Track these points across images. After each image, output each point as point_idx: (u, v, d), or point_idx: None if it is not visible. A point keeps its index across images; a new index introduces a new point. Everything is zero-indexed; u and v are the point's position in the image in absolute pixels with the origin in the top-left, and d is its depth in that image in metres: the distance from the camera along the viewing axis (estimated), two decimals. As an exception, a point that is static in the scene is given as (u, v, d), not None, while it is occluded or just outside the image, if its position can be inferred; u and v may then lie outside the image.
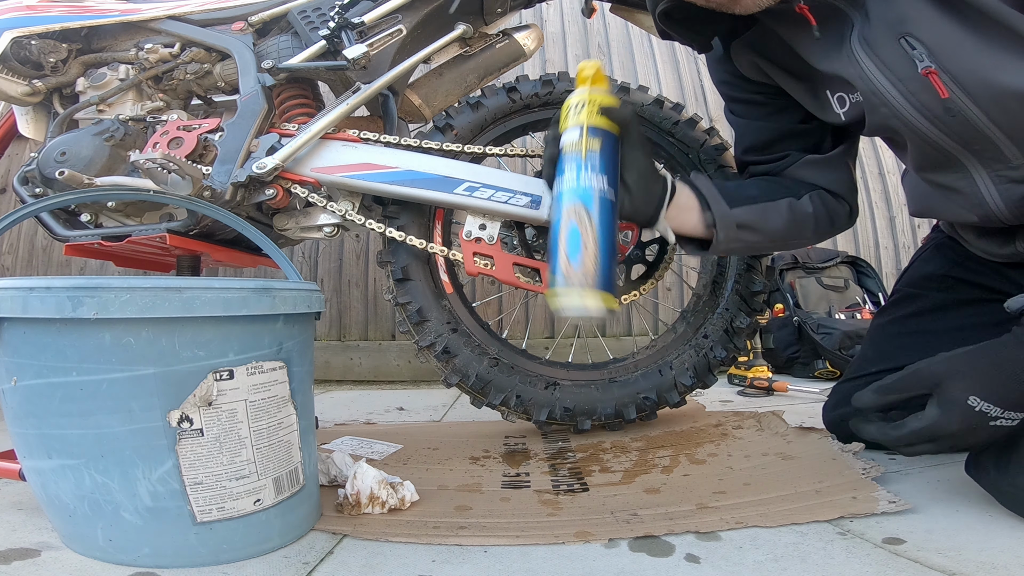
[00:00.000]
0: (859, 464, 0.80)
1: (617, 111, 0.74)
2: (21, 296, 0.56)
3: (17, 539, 0.67)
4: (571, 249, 0.68)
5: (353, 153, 1.07)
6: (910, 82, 0.67)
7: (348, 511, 0.74)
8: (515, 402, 1.07)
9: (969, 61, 0.63)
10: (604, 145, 0.72)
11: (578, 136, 0.72)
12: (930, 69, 0.64)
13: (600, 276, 0.68)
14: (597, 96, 0.74)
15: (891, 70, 0.68)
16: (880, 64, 0.68)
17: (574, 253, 0.68)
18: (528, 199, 1.05)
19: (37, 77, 1.15)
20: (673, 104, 1.23)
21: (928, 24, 0.64)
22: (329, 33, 1.06)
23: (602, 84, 0.77)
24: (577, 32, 2.49)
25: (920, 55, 0.65)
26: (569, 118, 0.74)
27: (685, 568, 0.59)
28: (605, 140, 0.72)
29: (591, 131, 0.72)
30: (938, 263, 0.98)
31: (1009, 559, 0.57)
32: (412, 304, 1.07)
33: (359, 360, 2.09)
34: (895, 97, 0.69)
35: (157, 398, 0.58)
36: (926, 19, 0.64)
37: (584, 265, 0.68)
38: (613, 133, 0.74)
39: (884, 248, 2.48)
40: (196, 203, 0.88)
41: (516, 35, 1.29)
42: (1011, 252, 0.82)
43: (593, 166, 0.71)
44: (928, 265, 1.00)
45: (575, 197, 0.70)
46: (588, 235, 0.68)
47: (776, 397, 1.54)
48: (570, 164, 0.71)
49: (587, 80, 0.76)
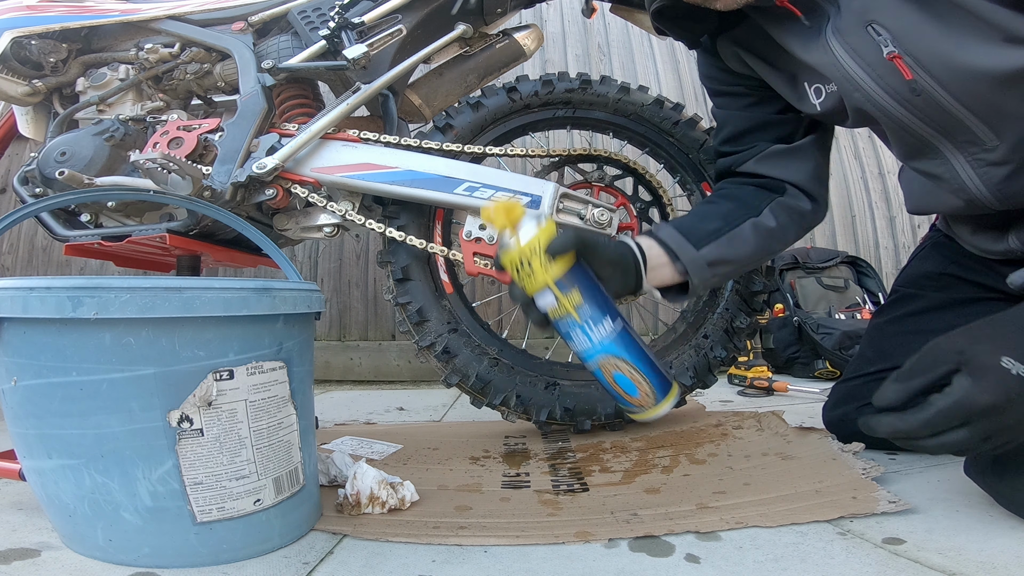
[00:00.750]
0: (859, 464, 0.80)
1: (561, 245, 0.68)
2: (21, 296, 0.56)
3: (17, 539, 0.67)
4: (628, 390, 0.73)
5: (353, 153, 1.07)
6: (877, 66, 0.70)
7: (348, 511, 0.74)
8: (515, 402, 1.07)
9: (931, 44, 0.65)
10: (578, 282, 0.70)
11: (554, 299, 0.70)
12: (894, 53, 0.67)
13: (657, 389, 0.73)
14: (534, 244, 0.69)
15: (860, 56, 0.71)
16: (851, 51, 0.71)
17: (632, 391, 0.73)
18: (528, 199, 1.05)
19: (37, 77, 1.15)
20: (673, 104, 1.23)
21: (892, 11, 0.67)
22: (329, 33, 1.06)
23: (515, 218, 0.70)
24: (577, 32, 2.49)
25: (885, 40, 0.68)
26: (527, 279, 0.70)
27: (685, 568, 0.59)
28: (575, 276, 0.70)
29: (560, 285, 0.69)
30: (935, 262, 0.98)
31: (1009, 559, 0.57)
32: (412, 304, 1.07)
33: (359, 360, 2.09)
34: (865, 82, 0.72)
35: (157, 398, 0.58)
36: (890, 6, 0.67)
37: (644, 393, 0.73)
38: (573, 262, 0.71)
39: (884, 248, 2.48)
40: (196, 203, 0.88)
41: (516, 35, 1.29)
42: (1005, 249, 0.82)
43: (591, 319, 0.71)
44: (925, 264, 1.00)
45: (600, 353, 0.72)
46: (631, 372, 0.72)
47: (776, 397, 1.54)
48: (572, 330, 0.71)
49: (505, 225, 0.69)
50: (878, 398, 0.62)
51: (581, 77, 1.21)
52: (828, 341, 1.82)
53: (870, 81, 0.71)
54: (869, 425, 0.63)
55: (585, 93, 1.20)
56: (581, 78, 1.21)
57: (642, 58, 2.49)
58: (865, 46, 0.70)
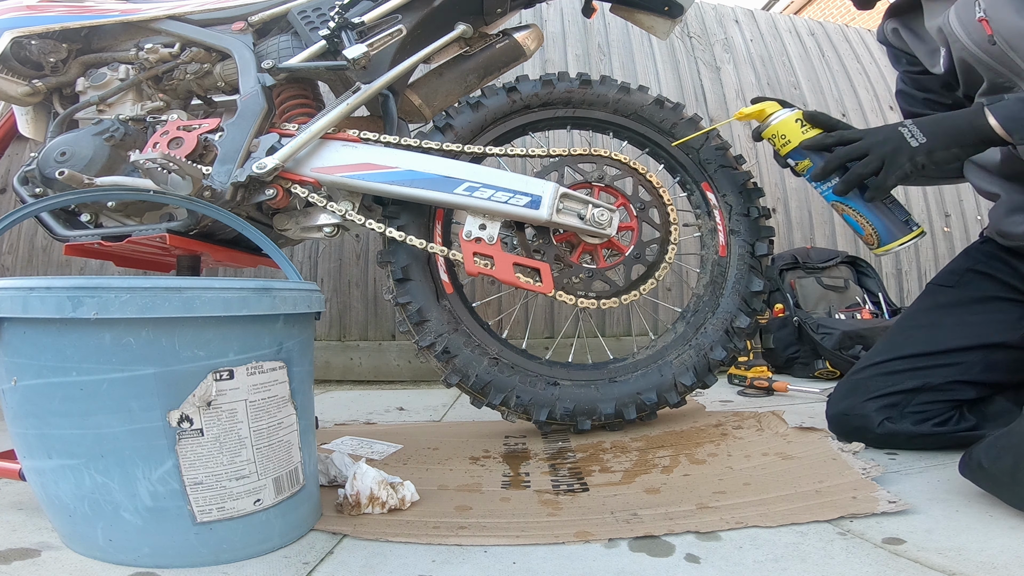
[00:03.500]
0: (859, 464, 0.80)
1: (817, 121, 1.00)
2: (21, 296, 0.56)
3: (17, 539, 0.67)
4: (856, 228, 1.00)
5: (353, 153, 1.07)
6: (970, 26, 0.91)
7: (348, 511, 0.74)
8: (515, 402, 1.07)
9: (1008, 13, 0.87)
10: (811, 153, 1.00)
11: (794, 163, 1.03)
12: (983, 17, 0.89)
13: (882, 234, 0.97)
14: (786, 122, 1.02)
15: (962, 19, 0.92)
16: (958, 16, 0.93)
17: (859, 230, 0.99)
18: (528, 199, 1.05)
19: (37, 77, 1.15)
20: (673, 104, 1.23)
21: None
22: (329, 33, 1.06)
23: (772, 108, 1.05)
24: (577, 32, 2.49)
25: (980, 9, 0.89)
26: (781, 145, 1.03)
27: (685, 568, 0.59)
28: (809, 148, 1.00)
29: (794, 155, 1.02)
30: (962, 261, 1.07)
31: (1009, 559, 0.57)
32: (412, 304, 1.07)
33: (359, 360, 2.09)
34: (962, 36, 0.92)
35: (157, 398, 0.58)
36: None
37: (868, 234, 0.98)
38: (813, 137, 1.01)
39: (884, 248, 2.48)
40: (196, 203, 0.88)
41: (516, 35, 1.29)
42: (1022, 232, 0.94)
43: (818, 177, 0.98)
44: (954, 263, 1.08)
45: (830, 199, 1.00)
46: (856, 216, 0.98)
47: (776, 397, 1.54)
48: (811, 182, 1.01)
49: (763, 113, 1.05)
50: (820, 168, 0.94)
51: (581, 77, 1.21)
52: (828, 341, 1.82)
53: (965, 36, 0.92)
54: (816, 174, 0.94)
55: (585, 93, 1.20)
56: (581, 78, 1.21)
57: (642, 58, 2.49)
58: (967, 13, 0.91)
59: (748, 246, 1.17)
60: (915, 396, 0.93)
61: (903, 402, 0.93)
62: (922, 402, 0.92)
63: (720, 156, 1.20)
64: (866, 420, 0.93)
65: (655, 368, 1.13)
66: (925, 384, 0.93)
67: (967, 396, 0.93)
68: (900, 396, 0.93)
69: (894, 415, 0.92)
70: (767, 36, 2.73)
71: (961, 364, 0.93)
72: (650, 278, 1.13)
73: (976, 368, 0.92)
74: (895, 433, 0.92)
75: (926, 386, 0.93)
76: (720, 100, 2.49)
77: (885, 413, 0.93)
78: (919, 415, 0.92)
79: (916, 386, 0.93)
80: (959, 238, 2.56)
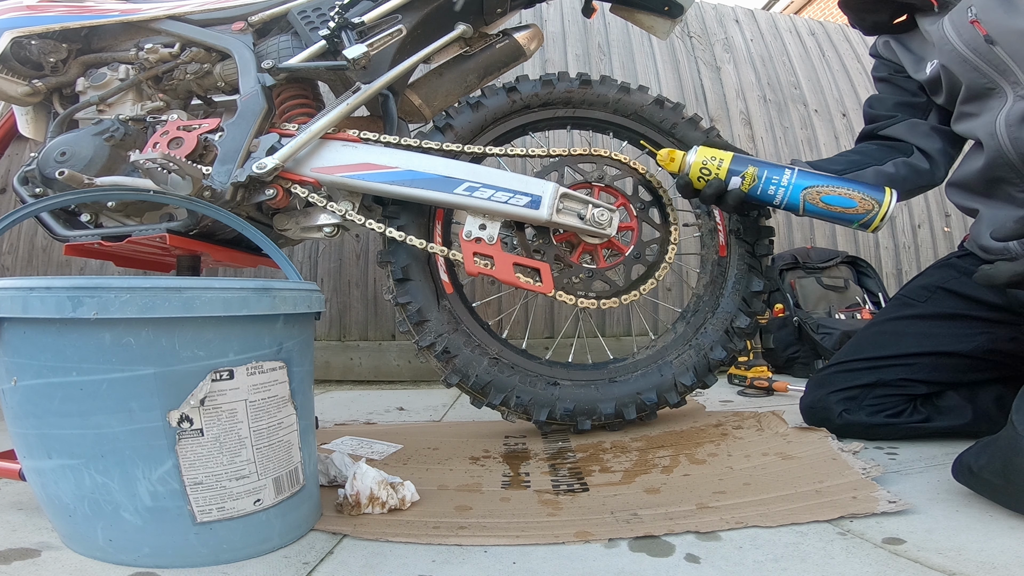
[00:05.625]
0: (859, 464, 0.80)
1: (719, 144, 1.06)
2: (21, 296, 0.56)
3: (17, 539, 0.67)
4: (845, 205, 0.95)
5: (353, 153, 1.07)
6: (962, 28, 0.96)
7: (348, 511, 0.74)
8: (515, 402, 1.07)
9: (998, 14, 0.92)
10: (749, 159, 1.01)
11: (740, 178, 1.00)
12: (975, 19, 0.94)
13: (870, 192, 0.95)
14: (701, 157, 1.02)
15: (955, 24, 0.97)
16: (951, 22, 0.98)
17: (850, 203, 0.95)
18: (528, 199, 1.05)
19: (37, 77, 1.15)
20: (673, 104, 1.23)
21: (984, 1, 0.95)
22: (329, 33, 1.06)
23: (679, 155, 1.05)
24: (577, 32, 2.49)
25: (972, 13, 0.95)
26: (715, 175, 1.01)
27: (685, 568, 0.59)
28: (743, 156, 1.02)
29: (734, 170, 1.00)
30: (936, 277, 1.11)
31: (1009, 559, 0.57)
32: (412, 304, 1.07)
33: (359, 360, 2.09)
34: (954, 38, 0.97)
35: (157, 398, 0.58)
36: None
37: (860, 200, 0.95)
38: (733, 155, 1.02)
39: (884, 248, 2.48)
40: (196, 203, 0.88)
41: (516, 35, 1.29)
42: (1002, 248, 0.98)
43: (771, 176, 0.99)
44: (927, 278, 1.13)
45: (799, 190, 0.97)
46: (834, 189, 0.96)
47: (776, 397, 1.54)
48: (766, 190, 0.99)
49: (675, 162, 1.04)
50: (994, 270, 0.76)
51: (581, 77, 1.21)
52: (828, 341, 1.82)
53: (956, 37, 0.96)
54: (988, 274, 0.77)
55: (585, 93, 1.20)
56: (581, 78, 1.21)
57: (642, 58, 2.49)
58: (960, 18, 0.97)
59: (748, 246, 1.17)
60: (871, 391, 1.02)
61: (860, 396, 1.03)
62: (877, 396, 1.02)
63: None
64: (828, 412, 1.04)
65: (655, 368, 1.13)
66: (879, 380, 1.03)
67: (918, 391, 1.02)
68: (858, 390, 1.03)
69: (852, 407, 1.02)
70: (767, 36, 2.73)
71: (912, 365, 1.03)
72: (650, 278, 1.13)
73: (925, 369, 1.02)
74: (851, 423, 1.01)
75: (879, 382, 1.02)
76: (720, 100, 2.49)
77: (844, 405, 1.03)
78: (873, 407, 1.02)
79: (871, 382, 1.03)
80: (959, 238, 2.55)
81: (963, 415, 1.00)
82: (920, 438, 1.01)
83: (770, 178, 0.98)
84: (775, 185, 0.98)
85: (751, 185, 0.98)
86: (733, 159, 1.00)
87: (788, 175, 0.97)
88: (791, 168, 0.99)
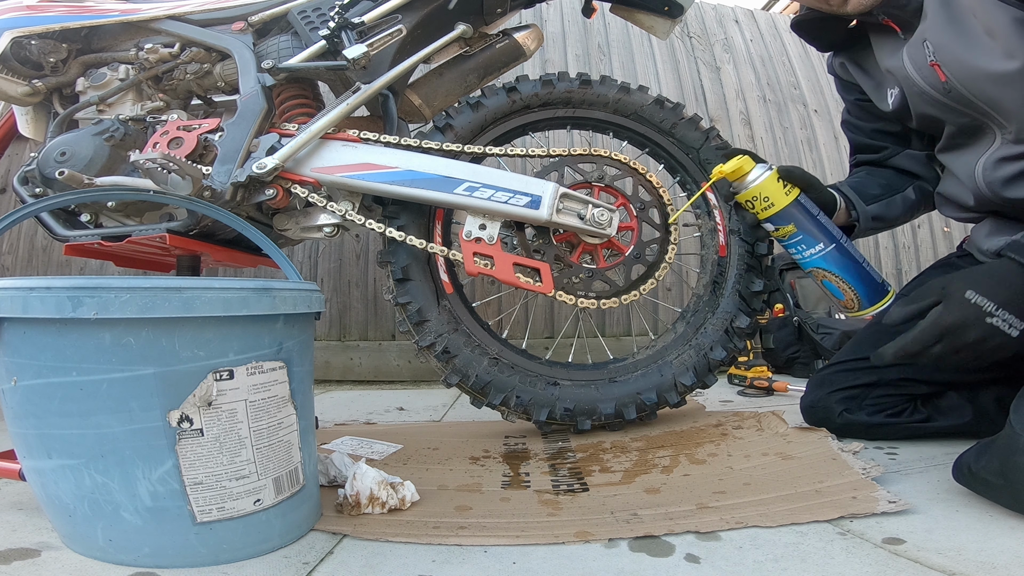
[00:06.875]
0: (859, 464, 0.80)
1: (795, 178, 1.01)
2: (21, 296, 0.56)
3: (17, 539, 0.67)
4: (835, 294, 1.01)
5: (353, 153, 1.07)
6: (924, 70, 0.93)
7: (348, 511, 0.74)
8: (515, 402, 1.07)
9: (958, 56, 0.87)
10: (796, 216, 0.99)
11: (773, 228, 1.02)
12: (934, 61, 0.90)
13: (864, 298, 1.00)
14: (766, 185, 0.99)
15: (915, 62, 0.94)
16: (911, 59, 0.94)
17: (838, 295, 1.01)
18: (528, 199, 1.05)
19: (37, 77, 1.15)
20: (673, 104, 1.23)
21: (939, 32, 0.89)
22: (329, 33, 1.06)
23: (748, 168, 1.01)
24: (577, 32, 2.49)
25: (930, 53, 0.90)
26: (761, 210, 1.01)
27: (685, 568, 0.59)
28: (794, 210, 0.99)
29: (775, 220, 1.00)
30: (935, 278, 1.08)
31: (1009, 559, 0.57)
32: (412, 304, 1.07)
33: (359, 360, 2.09)
34: (917, 80, 0.94)
35: (157, 398, 0.58)
36: (939, 29, 0.89)
37: (849, 299, 1.00)
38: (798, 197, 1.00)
39: (884, 248, 2.48)
40: (196, 203, 0.88)
41: (516, 35, 1.29)
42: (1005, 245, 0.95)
43: (802, 242, 1.00)
44: (927, 279, 1.11)
45: (810, 265, 1.01)
46: (837, 282, 1.00)
47: (776, 397, 1.54)
48: (788, 248, 1.02)
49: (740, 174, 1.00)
50: (887, 317, 0.83)
51: (581, 77, 1.21)
52: (828, 341, 1.82)
53: (921, 80, 0.94)
54: (878, 357, 0.82)
55: (585, 93, 1.20)
56: (581, 78, 1.21)
57: (642, 58, 2.49)
58: (918, 55, 0.93)
59: (748, 246, 1.17)
60: (872, 390, 1.02)
61: (861, 395, 1.03)
62: (878, 395, 1.02)
63: (720, 156, 1.20)
64: (828, 411, 1.03)
65: (655, 368, 1.13)
66: (879, 380, 1.02)
67: (919, 391, 1.02)
68: (858, 390, 1.03)
69: (852, 407, 1.02)
70: (767, 36, 2.73)
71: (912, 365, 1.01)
72: (650, 278, 1.13)
73: (925, 369, 1.00)
74: (852, 423, 1.01)
75: (880, 381, 1.02)
76: (720, 100, 2.49)
77: (844, 404, 1.03)
78: (874, 407, 1.02)
79: (872, 381, 1.03)
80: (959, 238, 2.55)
81: (963, 415, 1.00)
82: (920, 438, 1.01)
83: (798, 244, 1.01)
84: (798, 251, 1.01)
85: (780, 237, 1.02)
86: (783, 211, 0.99)
87: (815, 250, 0.99)
88: (823, 244, 0.99)
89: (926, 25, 0.90)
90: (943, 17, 0.88)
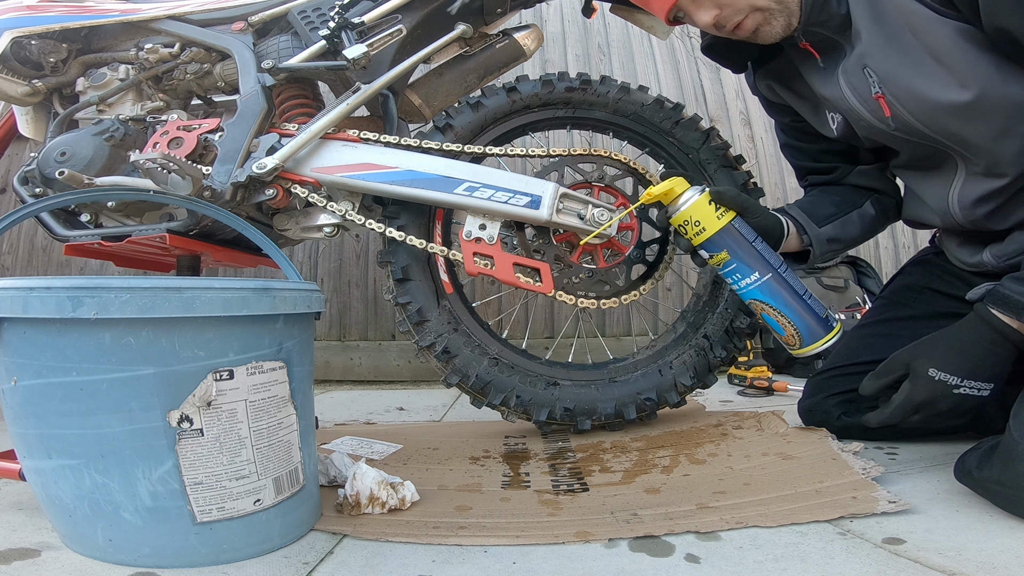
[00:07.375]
0: (859, 464, 0.80)
1: (728, 200, 0.91)
2: (21, 296, 0.56)
3: (17, 539, 0.67)
4: (776, 328, 0.93)
5: (353, 153, 1.07)
6: (868, 103, 0.86)
7: (348, 511, 0.74)
8: (515, 402, 1.07)
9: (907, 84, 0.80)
10: (729, 243, 0.91)
11: (707, 256, 0.94)
12: (879, 93, 0.84)
13: (804, 335, 0.92)
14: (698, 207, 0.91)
15: (858, 93, 0.87)
16: (852, 88, 0.87)
17: (779, 331, 0.94)
18: (528, 199, 1.05)
19: (37, 77, 1.15)
20: (673, 104, 1.23)
21: (879, 57, 0.82)
22: (329, 33, 1.06)
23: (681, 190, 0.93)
24: (577, 32, 2.49)
25: (874, 82, 0.83)
26: (693, 235, 0.92)
27: (685, 568, 0.59)
28: (727, 236, 0.91)
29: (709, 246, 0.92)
30: (919, 277, 1.10)
31: (1009, 559, 0.57)
32: (412, 304, 1.07)
33: (359, 360, 2.09)
34: (863, 114, 0.88)
35: (157, 398, 0.58)
36: (878, 53, 0.81)
37: (789, 335, 0.93)
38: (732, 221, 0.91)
39: (884, 248, 2.48)
40: (196, 203, 0.88)
41: (516, 35, 1.29)
42: (977, 261, 0.95)
43: (737, 271, 0.92)
44: (910, 278, 1.12)
45: (747, 297, 0.93)
46: (776, 316, 0.92)
47: (776, 397, 1.54)
48: (724, 276, 0.95)
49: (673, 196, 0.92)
50: (861, 388, 0.86)
51: (581, 77, 1.21)
52: (828, 341, 1.82)
53: (866, 113, 0.87)
54: (865, 419, 0.86)
55: (585, 93, 1.20)
56: (581, 78, 1.20)
57: (642, 58, 2.49)
58: (861, 85, 0.85)
59: (748, 246, 1.17)
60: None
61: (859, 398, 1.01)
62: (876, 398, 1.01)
63: (720, 156, 1.20)
64: (827, 415, 1.03)
65: (655, 368, 1.13)
66: None
67: None
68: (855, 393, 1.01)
69: (850, 410, 1.01)
70: (767, 36, 2.73)
71: None
72: (650, 278, 1.13)
73: None
74: (851, 425, 1.00)
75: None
76: (720, 100, 2.49)
77: (843, 408, 1.02)
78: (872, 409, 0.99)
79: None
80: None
81: None
82: (920, 438, 1.01)
83: (733, 273, 0.92)
84: (734, 282, 0.93)
85: (716, 265, 0.94)
86: (714, 236, 0.91)
87: (750, 280, 0.91)
88: (759, 273, 0.91)
89: (863, 48, 0.82)
90: (880, 37, 0.80)
